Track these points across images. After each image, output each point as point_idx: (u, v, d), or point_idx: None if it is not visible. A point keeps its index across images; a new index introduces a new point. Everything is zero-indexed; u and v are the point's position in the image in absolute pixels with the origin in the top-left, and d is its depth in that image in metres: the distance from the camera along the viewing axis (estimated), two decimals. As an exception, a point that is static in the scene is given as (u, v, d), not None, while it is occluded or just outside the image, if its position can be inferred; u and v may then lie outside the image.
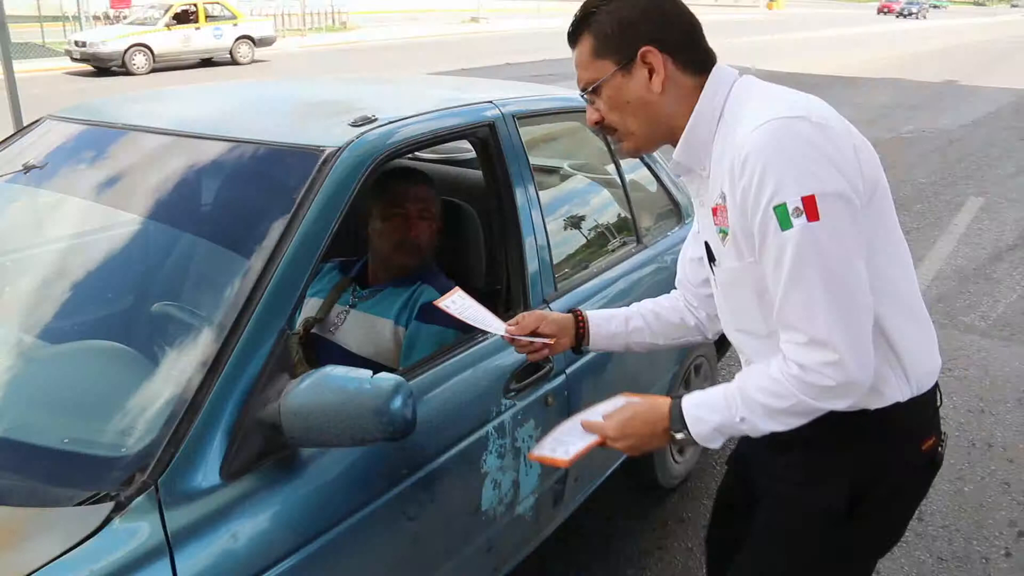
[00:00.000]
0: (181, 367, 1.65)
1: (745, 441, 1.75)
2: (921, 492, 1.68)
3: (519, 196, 2.40)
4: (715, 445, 1.54)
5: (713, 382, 3.57)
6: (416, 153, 2.99)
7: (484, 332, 2.14)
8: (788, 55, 24.80)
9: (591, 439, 1.66)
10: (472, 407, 2.08)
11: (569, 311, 1.91)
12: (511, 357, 2.18)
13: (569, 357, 2.39)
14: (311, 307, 2.49)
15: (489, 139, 2.37)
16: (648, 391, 2.93)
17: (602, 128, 1.59)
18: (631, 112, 1.54)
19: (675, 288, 1.92)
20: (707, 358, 3.50)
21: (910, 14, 60.55)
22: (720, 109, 1.50)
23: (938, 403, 1.63)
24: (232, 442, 1.56)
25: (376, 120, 2.07)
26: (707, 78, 1.52)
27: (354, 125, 2.03)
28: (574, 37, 1.56)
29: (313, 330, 2.42)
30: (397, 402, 1.54)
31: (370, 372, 1.58)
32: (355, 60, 21.58)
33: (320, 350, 2.37)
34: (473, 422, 2.07)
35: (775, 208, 1.35)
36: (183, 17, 19.95)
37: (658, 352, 2.93)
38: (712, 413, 1.51)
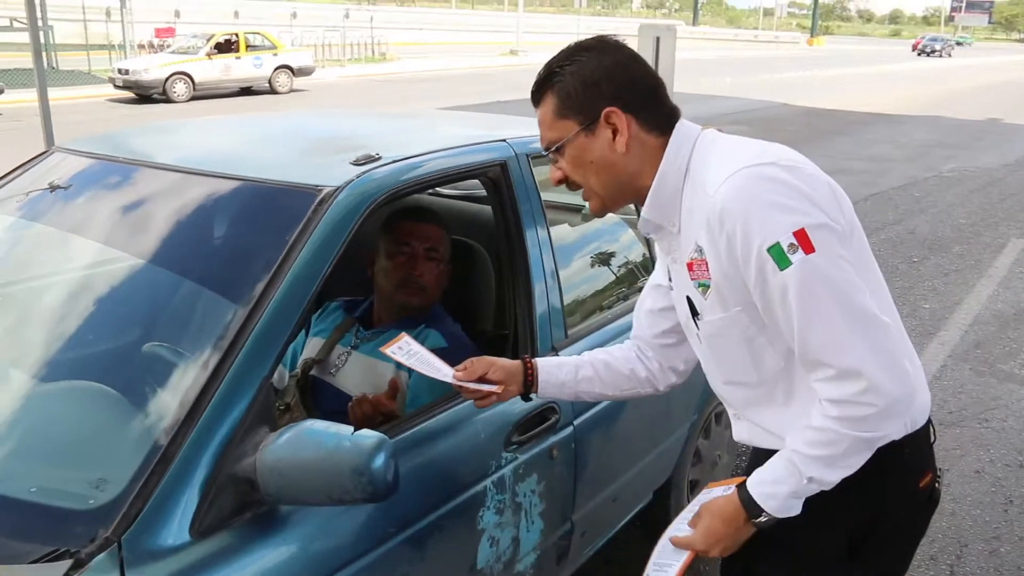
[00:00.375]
0: (155, 415, 1.58)
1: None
2: (921, 530, 1.69)
3: (530, 238, 2.31)
4: (797, 512, 1.51)
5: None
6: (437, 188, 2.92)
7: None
8: (827, 91, 24.62)
9: (685, 555, 1.61)
10: (469, 460, 1.98)
11: (519, 358, 1.87)
12: (514, 408, 2.08)
13: (578, 408, 2.29)
14: (312, 347, 2.42)
15: (500, 179, 2.29)
16: (665, 441, 2.83)
17: (567, 185, 1.59)
18: (594, 172, 1.55)
19: (630, 341, 1.90)
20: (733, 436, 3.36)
21: (932, 51, 56.64)
22: (686, 164, 1.52)
23: (932, 439, 1.64)
24: (205, 497, 1.48)
25: (379, 159, 2.00)
26: (671, 135, 1.54)
27: (356, 164, 1.96)
28: (537, 96, 1.57)
29: (312, 372, 2.34)
30: (378, 461, 1.45)
31: (351, 428, 1.49)
32: (392, 91, 21.75)
33: (318, 393, 2.29)
34: (469, 476, 1.97)
35: (769, 250, 1.37)
36: (224, 47, 20.27)
37: (675, 404, 2.86)
38: (779, 485, 1.50)
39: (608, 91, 1.50)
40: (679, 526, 1.66)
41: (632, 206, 2.08)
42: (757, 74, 30.69)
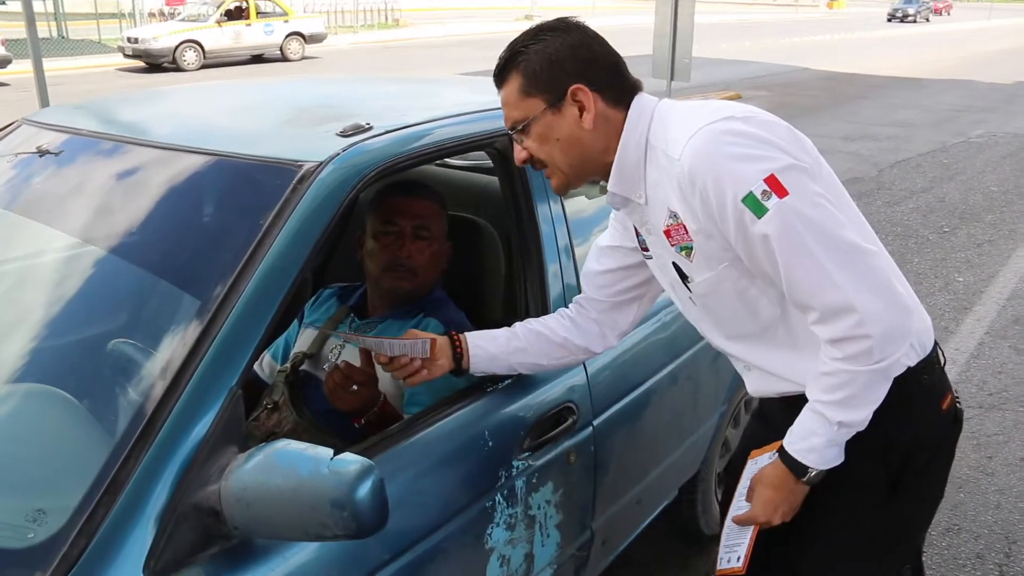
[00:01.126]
0: (103, 434, 1.35)
1: (767, 425, 1.77)
2: (951, 452, 1.73)
3: (542, 214, 2.06)
4: (840, 459, 1.54)
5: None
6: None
7: (493, 381, 1.85)
8: (849, 55, 24.03)
9: (750, 530, 1.66)
10: (475, 472, 1.74)
11: (445, 333, 1.83)
12: (526, 411, 1.85)
13: (598, 407, 2.05)
14: (305, 339, 2.19)
15: (509, 150, 2.03)
16: (693, 435, 2.60)
17: (531, 164, 1.62)
18: (561, 149, 1.57)
19: (573, 303, 1.90)
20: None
21: (906, 17, 47.42)
22: (645, 135, 1.55)
23: (942, 361, 1.67)
24: (162, 531, 1.25)
25: (370, 129, 1.75)
26: (628, 111, 1.56)
27: (343, 135, 1.72)
28: (501, 76, 1.59)
29: (303, 367, 2.11)
30: (362, 491, 1.22)
31: (331, 451, 1.26)
32: (405, 57, 21.36)
33: (309, 390, 2.05)
34: (475, 490, 1.73)
35: (743, 201, 1.39)
36: (234, 14, 19.92)
37: (703, 393, 2.62)
38: (813, 438, 1.52)
39: (573, 69, 1.53)
40: (738, 504, 1.69)
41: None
42: (777, 38, 30.03)
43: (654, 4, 10.71)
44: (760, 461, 1.66)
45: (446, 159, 2.58)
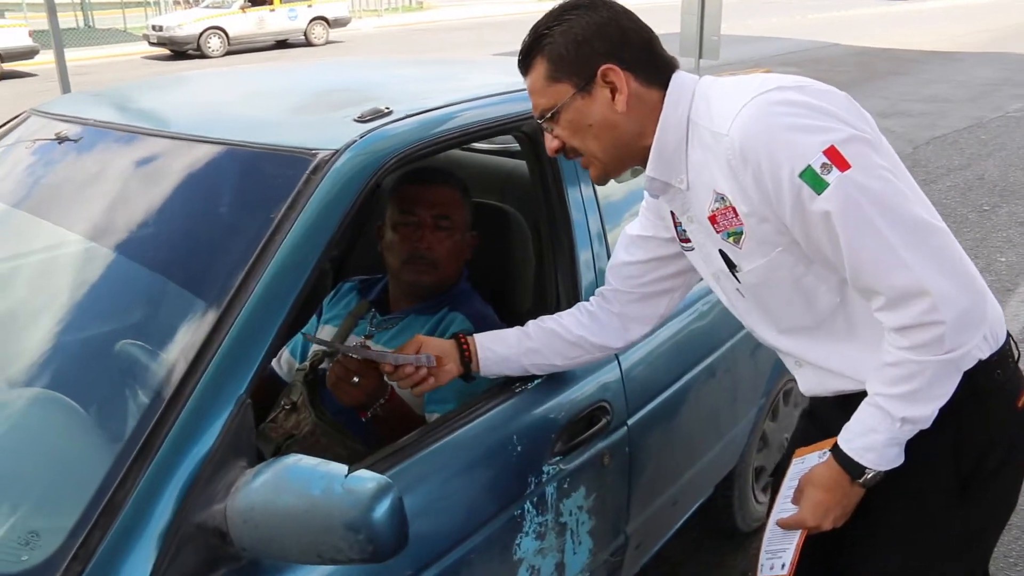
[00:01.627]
0: (101, 448, 1.25)
1: (820, 428, 1.62)
2: None
3: (573, 200, 1.95)
4: (900, 460, 1.41)
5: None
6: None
7: (522, 381, 1.74)
8: (878, 29, 23.53)
9: (797, 535, 1.52)
10: (502, 480, 1.63)
11: (472, 327, 1.76)
12: (557, 412, 1.74)
13: (632, 406, 1.94)
14: (325, 336, 2.08)
15: (538, 133, 1.91)
16: (731, 430, 2.48)
17: (565, 154, 1.52)
18: (594, 135, 1.46)
19: (595, 296, 1.79)
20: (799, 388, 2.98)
21: None
22: (687, 115, 1.43)
23: (1017, 355, 1.53)
24: (163, 554, 1.16)
25: (391, 114, 1.64)
26: (667, 90, 1.44)
27: (361, 121, 1.61)
28: (526, 63, 1.48)
29: (323, 366, 2.01)
30: (379, 512, 1.12)
31: (345, 468, 1.16)
32: (429, 40, 21.21)
33: (328, 392, 1.95)
34: (503, 499, 1.63)
35: (801, 175, 1.28)
36: (258, 0, 19.87)
37: (741, 386, 2.50)
38: (873, 435, 1.39)
39: (602, 48, 1.42)
40: (783, 506, 1.55)
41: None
42: (806, 13, 29.48)
43: (681, -20, 10.50)
44: (808, 460, 1.54)
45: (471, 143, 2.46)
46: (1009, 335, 1.53)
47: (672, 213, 1.60)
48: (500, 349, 1.71)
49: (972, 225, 6.62)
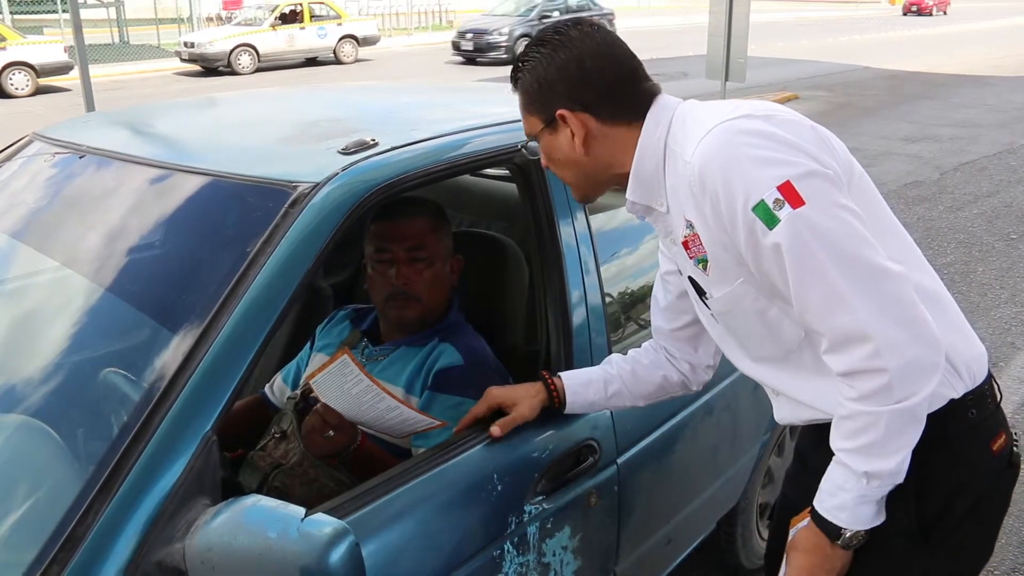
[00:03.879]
0: (61, 482, 1.24)
1: (803, 465, 1.62)
2: (1004, 502, 1.52)
3: (565, 236, 1.92)
4: (880, 518, 1.37)
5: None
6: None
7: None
8: (910, 53, 23.35)
9: None
10: (482, 519, 1.60)
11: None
12: (540, 450, 1.71)
13: (622, 444, 1.90)
14: (317, 365, 2.07)
15: (530, 165, 1.90)
16: (732, 467, 2.44)
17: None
18: (563, 167, 1.51)
19: (662, 343, 1.78)
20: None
21: (923, 9, 40.85)
22: (664, 139, 1.43)
23: (998, 397, 1.48)
24: (122, 593, 1.15)
25: (376, 145, 1.63)
26: (646, 117, 1.44)
27: (345, 152, 1.60)
28: (512, 87, 1.53)
29: (313, 395, 2.00)
30: (334, 558, 1.10)
31: (303, 511, 1.14)
32: (456, 59, 21.35)
33: None
34: (481, 539, 1.60)
35: (754, 209, 1.26)
36: (289, 17, 20.09)
37: (742, 423, 2.45)
38: (842, 494, 1.36)
39: (562, 91, 1.44)
40: None
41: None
42: (836, 36, 29.34)
43: (708, 3, 10.47)
44: (797, 528, 1.49)
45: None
46: (990, 375, 1.48)
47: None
48: (587, 395, 1.75)
49: (998, 254, 6.51)
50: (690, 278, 1.51)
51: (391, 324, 2.01)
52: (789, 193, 1.24)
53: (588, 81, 1.43)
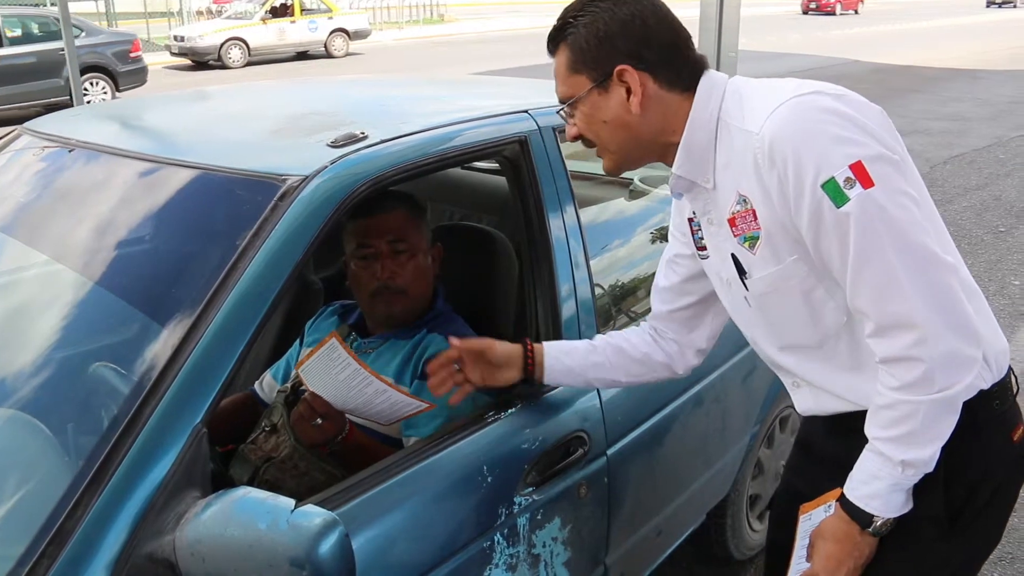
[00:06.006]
0: (50, 476, 1.25)
1: (808, 456, 1.66)
2: (1017, 489, 1.55)
3: (554, 226, 1.92)
4: (909, 506, 1.39)
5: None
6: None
7: (496, 410, 1.72)
8: (900, 46, 23.40)
9: None
10: (470, 511, 1.61)
11: (520, 340, 1.74)
12: (530, 442, 1.72)
13: (612, 436, 1.91)
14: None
15: (520, 158, 1.91)
16: (721, 459, 2.45)
17: (583, 142, 1.50)
18: (608, 131, 1.45)
19: (654, 326, 1.77)
20: (795, 408, 2.93)
21: (1007, 1, 42.60)
22: (716, 115, 1.41)
23: (1016, 389, 1.51)
24: (112, 586, 1.15)
25: (366, 138, 1.63)
26: (695, 89, 1.42)
27: (334, 145, 1.60)
28: (552, 46, 1.47)
29: (303, 387, 2.00)
30: (323, 548, 1.10)
31: (292, 502, 1.14)
32: (449, 53, 21.30)
33: None
34: (471, 530, 1.60)
35: (823, 186, 1.26)
36: (279, 11, 20.02)
37: (732, 414, 2.46)
38: (876, 482, 1.37)
39: (623, 46, 1.39)
40: (798, 567, 1.52)
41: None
42: (827, 29, 29.41)
43: (698, -4, 10.46)
44: (815, 515, 1.51)
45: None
46: (1010, 369, 1.51)
47: (690, 220, 1.58)
48: (567, 360, 1.72)
49: (987, 247, 6.54)
50: (733, 256, 1.47)
51: (378, 320, 2.01)
52: (860, 173, 1.25)
53: (650, 40, 1.40)
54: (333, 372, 1.65)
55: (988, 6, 41.98)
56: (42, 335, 1.53)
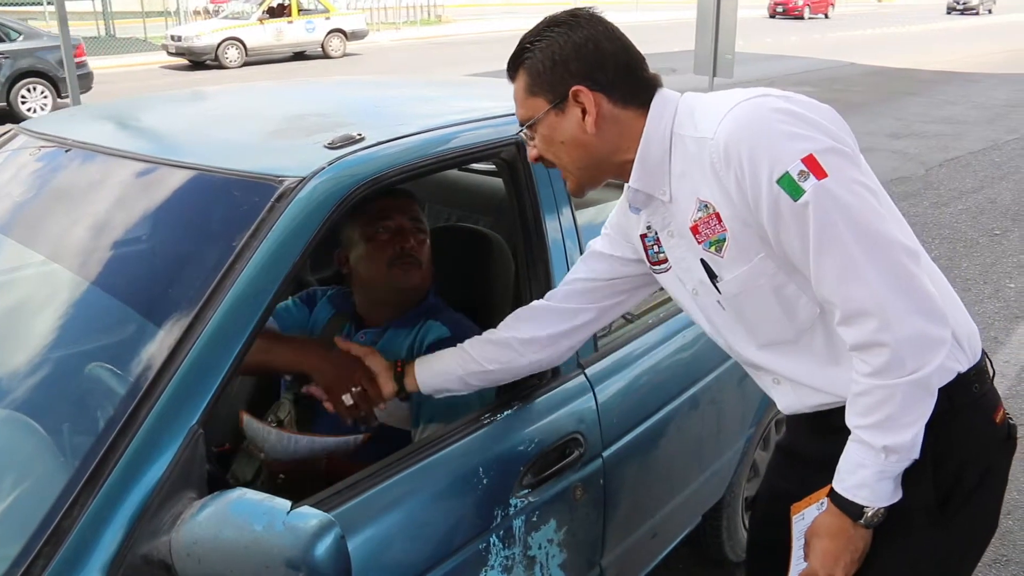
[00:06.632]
0: (53, 473, 1.25)
1: (792, 458, 1.68)
2: (1005, 472, 1.57)
3: (551, 230, 1.93)
4: (898, 495, 1.41)
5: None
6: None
7: (491, 413, 1.73)
8: (899, 50, 23.46)
9: None
10: (466, 513, 1.61)
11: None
12: (526, 444, 1.72)
13: (607, 438, 1.91)
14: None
15: (516, 160, 1.91)
16: (717, 461, 2.45)
17: (544, 163, 1.55)
18: (566, 151, 1.49)
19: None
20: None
21: (967, 9, 41.55)
22: (670, 127, 1.46)
23: (991, 372, 1.54)
24: (107, 587, 1.15)
25: (363, 140, 1.63)
26: (650, 106, 1.47)
27: (331, 147, 1.60)
28: (511, 72, 1.53)
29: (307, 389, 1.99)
30: (320, 550, 1.10)
31: (288, 504, 1.15)
32: (445, 54, 21.29)
33: (318, 411, 1.92)
34: (467, 532, 1.61)
35: (779, 181, 1.30)
36: (276, 11, 19.98)
37: (727, 417, 2.47)
38: (861, 471, 1.39)
39: (577, 69, 1.44)
40: (797, 567, 1.53)
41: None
42: (823, 32, 29.45)
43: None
44: (808, 514, 1.51)
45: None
46: (984, 352, 1.54)
47: (643, 237, 1.60)
48: (435, 364, 1.73)
49: (982, 249, 6.56)
50: (702, 262, 1.49)
51: (389, 294, 2.00)
52: (813, 166, 1.28)
53: (603, 62, 1.45)
54: (262, 437, 1.65)
55: (949, 12, 41.53)
56: (38, 335, 1.53)
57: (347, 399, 1.71)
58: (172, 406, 1.25)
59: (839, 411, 1.44)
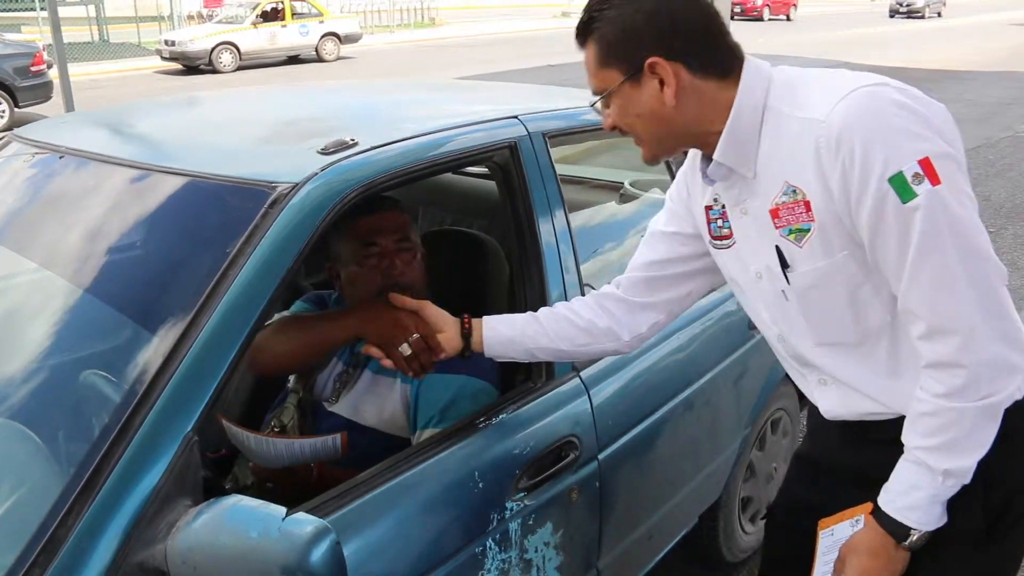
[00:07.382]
0: (42, 484, 1.25)
1: (818, 469, 1.62)
2: None
3: (545, 233, 1.93)
4: (944, 519, 1.36)
5: (794, 437, 3.05)
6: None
7: (486, 416, 1.72)
8: (892, 49, 23.51)
9: None
10: (462, 516, 1.61)
11: (460, 316, 1.72)
12: (522, 447, 1.72)
13: (603, 440, 1.91)
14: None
15: (510, 164, 1.91)
16: (713, 462, 2.46)
17: (620, 131, 1.46)
18: (643, 123, 1.41)
19: (609, 286, 1.73)
20: (787, 411, 2.95)
21: (912, 12, 38.64)
22: (763, 101, 1.37)
23: None
24: (103, 594, 1.15)
25: (355, 145, 1.64)
26: (734, 76, 1.38)
27: (325, 152, 1.60)
28: (580, 40, 1.43)
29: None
30: (315, 557, 1.11)
31: (284, 510, 1.15)
32: (440, 56, 21.31)
33: (320, 418, 1.92)
34: (463, 536, 1.61)
35: (890, 180, 1.23)
36: (270, 15, 19.99)
37: (723, 418, 2.47)
38: (915, 493, 1.34)
39: (650, 38, 1.35)
40: None
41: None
42: (818, 32, 29.51)
43: None
44: (839, 530, 1.46)
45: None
46: None
47: (708, 208, 1.54)
48: (505, 329, 1.68)
49: (976, 248, 6.56)
50: (776, 248, 1.41)
51: None
52: (928, 169, 1.22)
53: (679, 30, 1.35)
54: (241, 443, 1.64)
55: (892, 16, 39.03)
56: (32, 343, 1.53)
57: (405, 348, 1.67)
58: (167, 413, 1.25)
59: (883, 424, 1.41)
